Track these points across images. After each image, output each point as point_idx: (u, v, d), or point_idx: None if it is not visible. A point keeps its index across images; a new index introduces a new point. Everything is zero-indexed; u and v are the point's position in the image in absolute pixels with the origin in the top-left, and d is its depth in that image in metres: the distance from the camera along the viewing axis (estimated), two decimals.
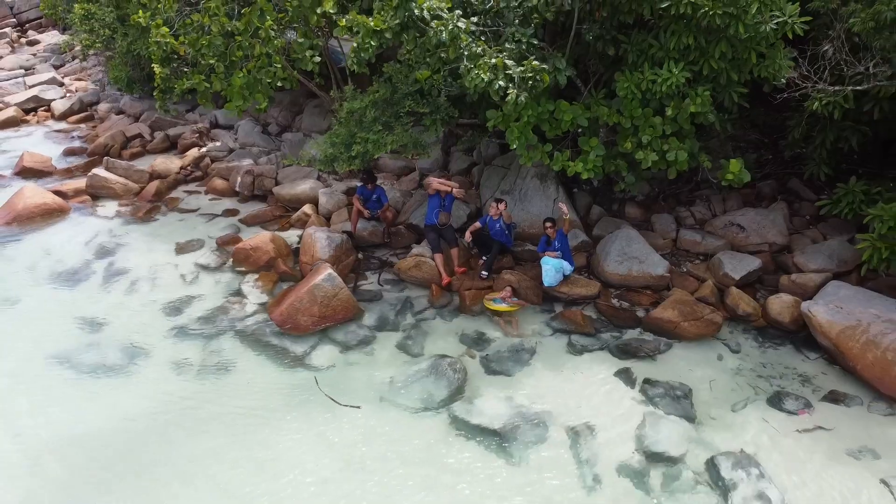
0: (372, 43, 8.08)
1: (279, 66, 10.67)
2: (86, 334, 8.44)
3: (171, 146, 15.00)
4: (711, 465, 6.28)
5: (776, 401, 7.11)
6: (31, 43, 30.49)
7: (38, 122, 17.54)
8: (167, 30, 10.72)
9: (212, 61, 10.69)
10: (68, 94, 19.15)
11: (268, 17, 10.45)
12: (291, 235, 10.78)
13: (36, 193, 11.66)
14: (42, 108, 18.23)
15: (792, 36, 7.68)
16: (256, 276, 9.53)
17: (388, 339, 8.27)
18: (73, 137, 16.25)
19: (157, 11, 11.43)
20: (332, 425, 6.91)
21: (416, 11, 7.61)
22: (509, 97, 7.23)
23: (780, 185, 10.80)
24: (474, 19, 7.98)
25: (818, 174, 9.72)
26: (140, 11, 10.95)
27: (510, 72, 7.18)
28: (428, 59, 8.44)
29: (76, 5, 18.30)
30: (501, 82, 7.20)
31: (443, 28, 7.26)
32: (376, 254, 10.14)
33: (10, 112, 17.37)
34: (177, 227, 11.29)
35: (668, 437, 6.58)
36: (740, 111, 9.02)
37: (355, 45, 8.33)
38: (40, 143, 15.95)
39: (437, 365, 7.62)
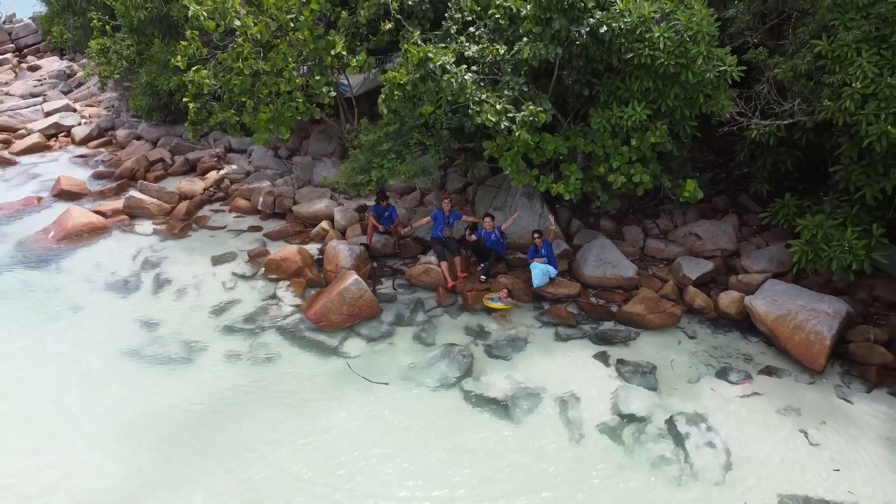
0: (397, 94, 9.75)
1: (300, 101, 12.35)
2: (147, 333, 9.95)
3: (191, 169, 16.54)
4: (671, 422, 7.98)
5: (723, 374, 8.85)
6: (33, 69, 31.63)
7: (60, 147, 18.97)
8: (206, 72, 12.32)
9: (242, 98, 12.32)
10: (84, 121, 20.57)
11: (290, 60, 12.12)
12: (312, 248, 12.36)
13: (81, 213, 13.15)
14: (62, 134, 19.65)
15: (731, 81, 9.53)
16: (288, 282, 11.12)
17: (406, 332, 9.90)
18: (96, 162, 17.71)
19: (190, 55, 13.00)
20: (367, 401, 8.48)
21: (431, 66, 9.30)
22: (514, 134, 8.97)
23: (731, 199, 12.65)
24: (475, 68, 9.73)
25: (761, 190, 11.56)
26: (178, 56, 12.50)
27: (511, 115, 8.93)
28: (434, 99, 10.13)
29: (92, 41, 19.84)
30: (506, 122, 8.95)
31: (453, 80, 8.98)
32: (389, 262, 11.78)
33: (35, 138, 18.79)
34: (209, 242, 12.84)
35: (637, 402, 8.28)
36: (696, 138, 10.84)
37: (383, 96, 9.96)
38: (67, 167, 17.41)
39: (448, 351, 9.27)
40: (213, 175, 15.63)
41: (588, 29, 9.20)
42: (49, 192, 15.16)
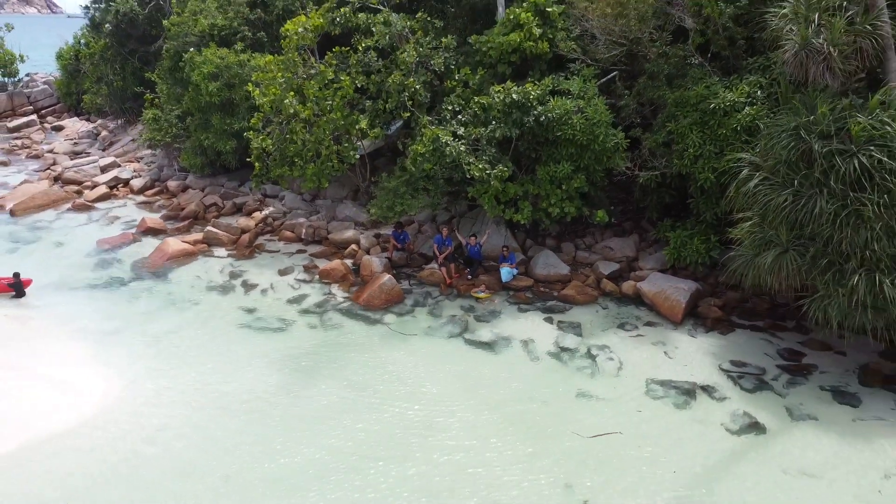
0: (419, 158, 15.28)
1: (335, 161, 17.82)
2: (251, 315, 15.06)
3: (238, 210, 21.63)
4: (588, 350, 13.44)
5: (621, 327, 14.38)
6: (57, 129, 36.35)
7: (123, 195, 23.86)
8: (270, 141, 17.69)
9: (295, 159, 17.71)
10: (134, 174, 25.49)
11: (327, 132, 17.58)
12: (347, 262, 17.62)
13: (176, 242, 18.21)
14: (121, 185, 24.57)
15: (623, 147, 15.37)
16: (337, 283, 16.38)
17: (422, 310, 15.23)
18: (158, 206, 22.69)
19: (254, 126, 18.35)
20: (403, 346, 13.74)
21: (440, 143, 14.89)
22: (490, 183, 14.61)
23: (634, 223, 18.44)
24: (463, 141, 15.38)
25: (652, 217, 17.37)
26: (252, 133, 17.83)
27: (488, 171, 14.59)
28: (437, 160, 15.65)
29: (145, 111, 25.06)
30: (485, 176, 14.60)
31: (453, 150, 14.60)
32: (403, 270, 17.13)
33: (102, 189, 23.67)
34: (271, 261, 18.02)
35: (569, 341, 13.72)
36: (609, 183, 16.59)
37: (410, 159, 15.50)
38: (136, 211, 22.33)
39: (451, 319, 14.65)
40: (258, 214, 20.78)
41: (533, 118, 14.99)
42: (136, 229, 20.10)
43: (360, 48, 18.05)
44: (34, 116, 37.44)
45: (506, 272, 16.02)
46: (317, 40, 18.60)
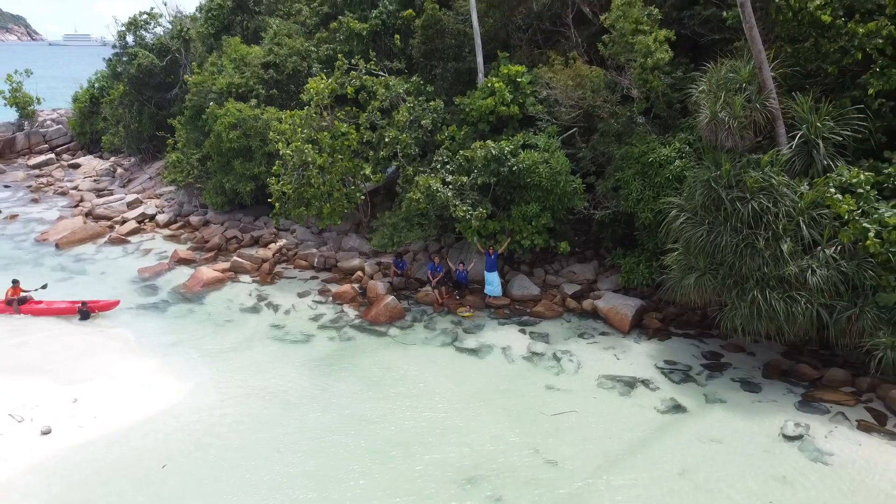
0: (414, 203, 18.76)
1: (345, 201, 21.26)
2: (279, 330, 18.34)
3: (255, 242, 24.93)
4: (554, 354, 16.87)
5: (581, 336, 17.83)
6: (73, 166, 39.36)
7: (150, 230, 27.06)
8: (290, 186, 21.08)
9: (313, 200, 21.11)
10: (159, 210, 28.71)
11: (338, 177, 21.05)
12: (354, 286, 20.97)
13: (208, 271, 21.46)
14: (148, 220, 27.77)
15: (582, 191, 18.98)
16: (348, 304, 19.73)
17: (419, 325, 18.61)
18: (184, 240, 25.92)
19: (274, 172, 21.75)
20: (405, 353, 17.09)
21: (432, 190, 18.42)
22: (473, 221, 18.13)
23: (594, 252, 22.00)
24: (451, 187, 18.91)
25: (608, 246, 20.95)
26: (273, 178, 21.23)
27: (472, 212, 18.13)
28: (429, 202, 19.13)
29: (168, 154, 28.39)
30: (468, 216, 18.12)
31: (442, 195, 18.13)
32: (402, 292, 20.51)
33: (132, 224, 26.87)
34: (290, 286, 21.33)
35: (538, 347, 17.15)
36: (573, 219, 20.13)
37: (408, 202, 18.98)
38: (164, 244, 25.55)
39: (443, 331, 18.05)
40: (274, 245, 24.10)
41: (507, 168, 18.60)
42: (170, 259, 23.32)
43: (368, 109, 21.60)
44: (52, 155, 40.52)
45: (491, 283, 19.44)
46: (330, 100, 22.12)
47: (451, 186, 19.06)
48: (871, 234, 13.65)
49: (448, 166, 19.82)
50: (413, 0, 24.89)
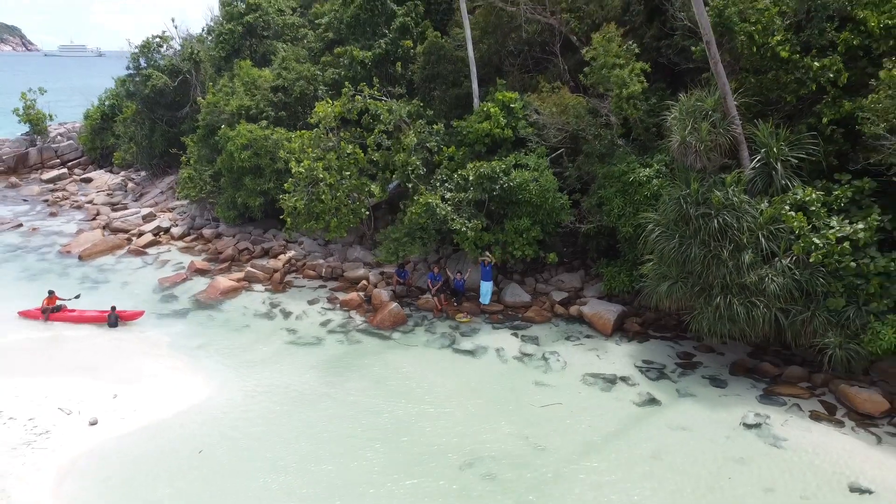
0: (416, 218, 20.62)
1: (352, 217, 23.07)
2: (293, 334, 20.08)
3: (265, 254, 26.67)
4: (543, 355, 18.68)
5: (567, 339, 19.64)
6: (86, 181, 41.01)
7: (165, 242, 28.78)
8: (301, 202, 22.86)
9: (322, 216, 22.91)
10: (173, 223, 30.45)
11: (345, 193, 22.87)
12: (360, 294, 22.75)
13: (224, 280, 23.20)
14: (163, 233, 29.50)
15: (569, 206, 20.85)
16: (355, 310, 21.51)
17: (420, 329, 20.39)
18: (198, 251, 27.65)
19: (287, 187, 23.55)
20: (407, 354, 18.87)
21: (432, 206, 20.27)
22: (469, 233, 19.99)
23: (581, 262, 23.84)
24: (449, 203, 20.76)
25: (593, 257, 22.80)
26: (285, 195, 23.01)
27: (468, 225, 19.99)
28: (428, 217, 20.97)
29: (181, 170, 30.16)
30: (465, 228, 19.97)
31: (442, 211, 19.98)
32: (404, 299, 22.31)
33: (149, 237, 28.59)
34: (300, 294, 23.11)
35: (529, 348, 18.95)
36: (563, 232, 21.97)
37: (409, 217, 20.83)
38: (180, 255, 27.28)
39: (443, 335, 19.84)
40: (283, 256, 25.87)
41: (500, 185, 20.46)
42: (187, 270, 25.05)
43: (375, 132, 23.44)
44: (65, 169, 42.24)
45: (486, 291, 21.27)
46: (336, 122, 23.98)
47: (449, 202, 20.89)
48: (818, 248, 15.56)
49: (447, 184, 21.66)
50: (409, 30, 26.85)
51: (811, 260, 15.68)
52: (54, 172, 41.47)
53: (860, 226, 15.55)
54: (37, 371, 17.24)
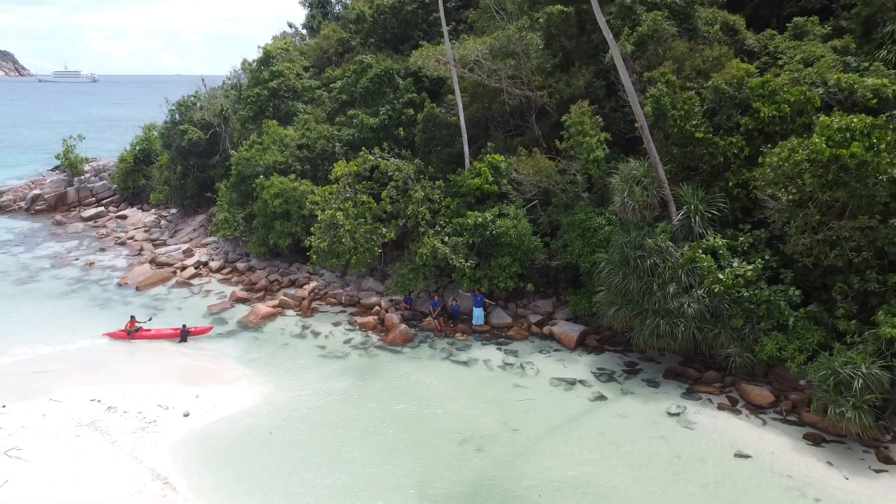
0: (421, 259, 26.09)
1: (368, 255, 28.52)
2: (322, 349, 25.38)
3: (292, 284, 31.92)
4: (521, 364, 24.01)
5: (540, 352, 25.02)
6: (121, 217, 46.18)
7: (206, 274, 34.01)
8: (325, 243, 28.27)
9: (343, 254, 28.33)
10: (210, 257, 35.70)
11: (362, 236, 28.34)
12: (375, 317, 28.05)
13: (264, 307, 28.49)
14: (202, 266, 34.73)
15: (541, 248, 26.37)
16: (371, 331, 26.85)
17: (425, 345, 25.73)
18: (235, 282, 32.91)
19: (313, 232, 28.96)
20: (415, 366, 24.18)
21: (436, 248, 25.73)
22: (464, 269, 25.46)
23: (553, 290, 29.25)
24: (448, 245, 26.25)
25: (563, 286, 28.24)
26: (312, 238, 28.41)
27: (466, 263, 25.47)
28: (431, 256, 26.41)
29: (218, 213, 35.56)
30: (461, 266, 25.43)
31: (441, 251, 25.45)
32: (411, 322, 27.64)
33: (192, 270, 33.84)
34: (326, 318, 28.43)
35: (510, 360, 24.30)
36: (535, 266, 27.43)
37: (418, 257, 26.34)
38: (219, 286, 32.55)
39: (442, 349, 25.20)
40: (307, 286, 31.17)
41: (488, 233, 26.01)
42: (229, 298, 30.32)
43: (388, 187, 28.94)
44: (103, 208, 47.47)
45: (477, 315, 26.71)
46: (352, 178, 29.51)
47: (448, 245, 26.40)
48: (721, 282, 21.13)
49: (447, 229, 27.18)
50: (412, 103, 32.67)
51: (717, 291, 21.23)
52: (93, 210, 46.66)
53: (749, 267, 21.15)
54: (133, 378, 22.45)
